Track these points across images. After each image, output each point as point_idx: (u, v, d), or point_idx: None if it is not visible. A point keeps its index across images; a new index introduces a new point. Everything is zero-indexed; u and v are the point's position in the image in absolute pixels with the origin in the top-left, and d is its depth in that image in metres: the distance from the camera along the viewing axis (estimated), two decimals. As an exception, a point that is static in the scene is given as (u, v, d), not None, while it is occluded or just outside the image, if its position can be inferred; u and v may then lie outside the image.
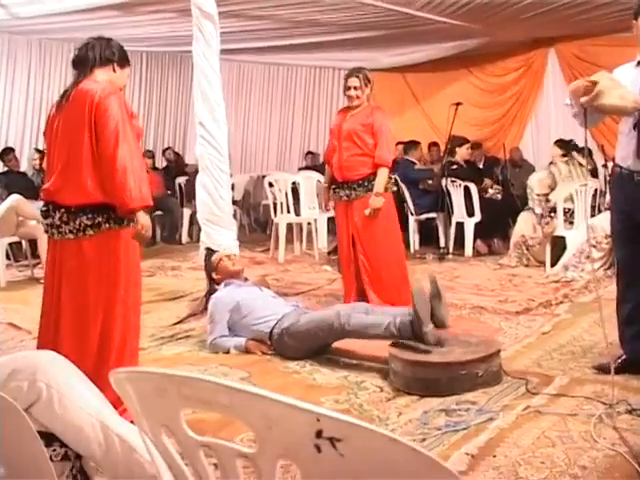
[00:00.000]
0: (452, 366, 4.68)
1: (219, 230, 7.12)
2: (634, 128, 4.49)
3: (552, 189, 9.33)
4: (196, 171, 7.68)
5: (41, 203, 8.97)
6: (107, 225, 4.12)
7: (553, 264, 8.68)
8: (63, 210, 4.14)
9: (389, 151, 6.87)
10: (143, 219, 4.11)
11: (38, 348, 4.23)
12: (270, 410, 1.41)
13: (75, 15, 9.42)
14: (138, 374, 1.69)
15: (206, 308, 6.18)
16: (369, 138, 6.68)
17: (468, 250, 10.23)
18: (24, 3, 9.06)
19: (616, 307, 4.93)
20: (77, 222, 4.09)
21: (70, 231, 4.12)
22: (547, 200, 9.21)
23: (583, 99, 4.29)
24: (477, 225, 10.23)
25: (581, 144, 9.44)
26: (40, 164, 11.28)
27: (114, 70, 4.38)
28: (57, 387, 2.60)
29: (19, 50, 12.29)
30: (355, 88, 6.72)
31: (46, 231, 4.30)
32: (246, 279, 6.28)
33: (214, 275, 6.30)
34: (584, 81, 4.31)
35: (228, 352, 5.61)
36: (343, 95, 6.99)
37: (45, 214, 4.27)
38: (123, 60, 4.45)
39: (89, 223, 4.09)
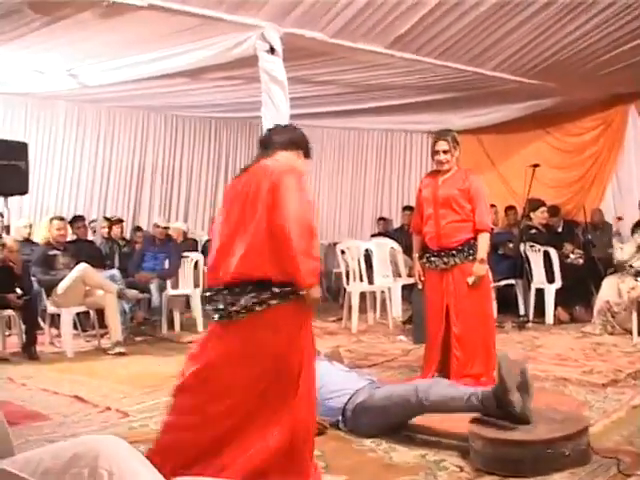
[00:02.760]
0: (536, 444, 4.34)
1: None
2: None
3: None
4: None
5: (109, 272, 8.98)
6: (274, 301, 3.94)
7: (640, 332, 8.31)
8: (226, 292, 3.99)
9: (487, 215, 6.52)
10: (314, 294, 3.98)
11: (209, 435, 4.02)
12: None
13: (143, 83, 9.45)
14: None
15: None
16: (466, 203, 6.34)
17: (549, 318, 9.93)
18: (94, 72, 9.11)
19: None
20: (243, 301, 3.93)
21: (237, 312, 3.95)
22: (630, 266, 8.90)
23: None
24: (558, 291, 9.93)
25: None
26: (109, 232, 11.27)
27: (298, 156, 4.40)
28: (119, 474, 2.44)
29: (88, 118, 12.51)
30: (445, 152, 6.39)
31: (214, 317, 4.10)
32: (318, 352, 6.00)
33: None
34: None
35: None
36: (431, 160, 6.68)
37: (208, 299, 4.12)
38: (307, 151, 4.49)
39: (256, 300, 3.92)
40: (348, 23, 7.47)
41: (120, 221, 11.93)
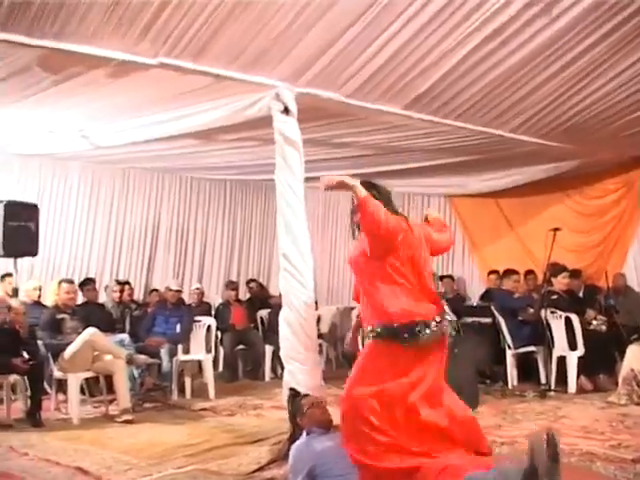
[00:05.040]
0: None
1: (304, 369, 6.64)
2: None
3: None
4: (279, 304, 7.29)
5: (118, 337, 8.86)
6: None
7: (669, 402, 7.98)
8: None
9: None
10: None
11: None
12: None
13: (156, 144, 9.34)
14: None
15: (288, 454, 5.63)
16: None
17: (571, 387, 9.62)
18: (106, 133, 8.99)
19: None
20: None
21: None
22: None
23: None
24: (580, 359, 9.62)
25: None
26: (120, 296, 11.04)
27: None
28: None
29: (102, 179, 12.40)
30: None
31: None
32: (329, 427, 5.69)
33: (299, 420, 5.77)
34: None
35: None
36: None
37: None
38: None
39: None
40: (365, 83, 7.29)
41: (127, 283, 11.73)
